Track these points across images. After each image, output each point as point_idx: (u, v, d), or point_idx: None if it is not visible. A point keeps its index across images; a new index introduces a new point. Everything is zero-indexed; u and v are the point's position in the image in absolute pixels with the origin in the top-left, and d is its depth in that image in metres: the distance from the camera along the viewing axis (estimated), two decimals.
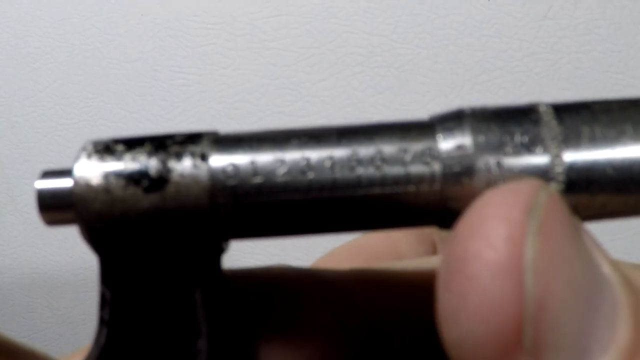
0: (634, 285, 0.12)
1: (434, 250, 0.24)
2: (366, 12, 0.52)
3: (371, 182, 0.13)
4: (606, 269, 0.12)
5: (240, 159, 0.13)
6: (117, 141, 0.14)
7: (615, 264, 0.12)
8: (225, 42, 0.53)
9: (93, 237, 0.14)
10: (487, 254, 0.11)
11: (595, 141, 0.13)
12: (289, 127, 0.14)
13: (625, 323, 0.11)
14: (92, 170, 0.13)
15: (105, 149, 0.14)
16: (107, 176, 0.13)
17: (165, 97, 0.54)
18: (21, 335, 0.59)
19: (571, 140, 0.13)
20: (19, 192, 0.57)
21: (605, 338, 0.11)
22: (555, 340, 0.11)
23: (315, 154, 0.13)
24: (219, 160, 0.13)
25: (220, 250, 0.14)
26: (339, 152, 0.13)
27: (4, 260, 0.58)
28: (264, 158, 0.13)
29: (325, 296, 0.17)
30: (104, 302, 0.14)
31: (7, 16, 0.54)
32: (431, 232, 0.24)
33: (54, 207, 0.14)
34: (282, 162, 0.13)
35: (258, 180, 0.13)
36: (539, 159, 0.13)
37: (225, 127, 0.55)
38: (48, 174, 0.14)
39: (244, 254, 0.55)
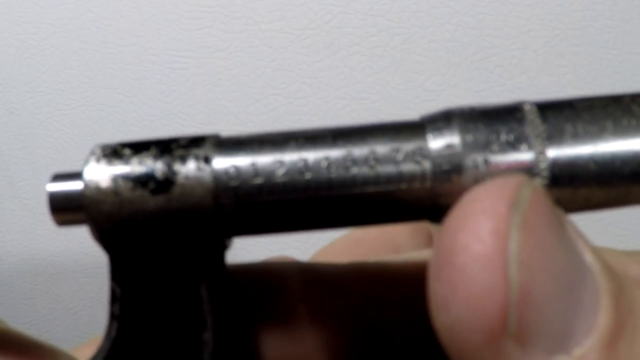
0: (615, 272, 0.13)
1: (430, 242, 0.24)
2: None
3: (365, 181, 0.14)
4: (588, 257, 0.12)
5: (242, 161, 0.14)
6: (124, 145, 0.15)
7: (597, 253, 0.13)
8: (220, 24, 0.53)
9: (103, 237, 0.14)
10: (475, 247, 0.11)
11: (577, 138, 0.13)
12: (287, 129, 0.15)
13: (606, 309, 0.12)
14: (101, 174, 0.14)
15: (113, 152, 0.14)
16: (115, 179, 0.14)
17: (162, 80, 0.54)
18: (21, 321, 0.59)
19: (555, 137, 0.13)
20: (17, 178, 0.57)
21: (587, 323, 0.12)
22: (538, 326, 0.11)
23: (312, 155, 0.14)
24: (222, 163, 0.14)
25: (223, 247, 0.15)
26: (335, 153, 0.14)
27: (4, 247, 0.58)
28: (264, 160, 0.14)
29: (324, 290, 0.18)
30: (114, 298, 0.15)
31: (4, 3, 0.54)
32: (428, 225, 0.24)
33: (65, 209, 0.14)
34: (281, 163, 0.14)
35: (259, 181, 0.14)
36: (523, 156, 0.13)
37: (222, 109, 0.56)
38: (58, 177, 0.15)
39: (241, 248, 0.55)
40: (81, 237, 0.57)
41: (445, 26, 0.53)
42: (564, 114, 0.14)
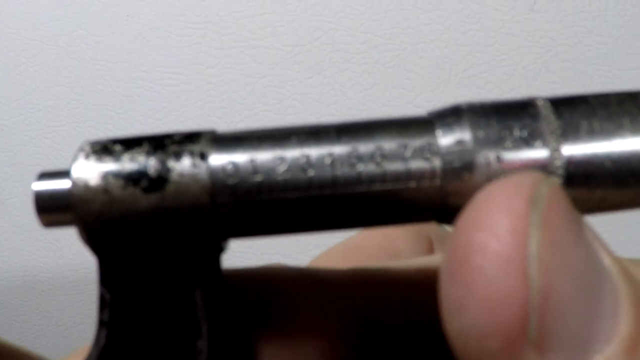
0: (633, 276, 0.12)
1: (430, 248, 0.24)
2: (352, 9, 0.52)
3: (372, 179, 0.13)
4: (607, 260, 0.12)
5: (240, 158, 0.13)
6: (114, 141, 0.14)
7: (614, 256, 0.12)
8: (211, 41, 0.53)
9: (92, 238, 0.14)
10: (492, 245, 0.11)
11: (593, 135, 0.13)
12: (287, 125, 0.14)
13: (627, 314, 0.11)
14: (90, 171, 0.13)
15: (103, 149, 0.14)
16: (105, 176, 0.13)
17: (152, 97, 0.54)
18: (12, 337, 0.59)
19: (570, 134, 0.13)
20: (7, 195, 0.57)
21: (608, 329, 0.11)
22: (559, 331, 0.11)
23: (315, 151, 0.13)
24: (219, 159, 0.13)
25: (219, 249, 0.14)
26: (339, 149, 0.13)
27: None
28: (264, 156, 0.13)
29: (324, 296, 0.17)
30: (103, 304, 0.14)
31: None
32: (428, 230, 0.24)
33: (52, 209, 0.14)
34: (282, 159, 0.13)
35: (258, 178, 0.13)
36: (538, 153, 0.13)
37: (212, 126, 0.55)
38: (45, 175, 0.14)
39: (234, 253, 0.55)
40: (71, 253, 0.57)
41: (435, 42, 0.53)
42: (579, 110, 0.13)
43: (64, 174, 0.14)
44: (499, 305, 0.10)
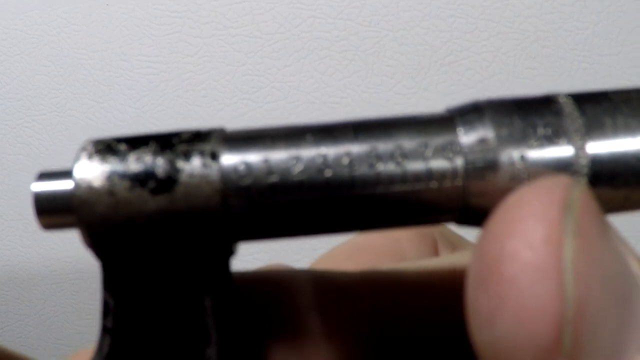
0: None
1: (435, 248, 0.23)
2: None
3: (392, 179, 0.13)
4: (635, 266, 0.11)
5: (253, 157, 0.13)
6: (119, 140, 0.13)
7: None
8: (190, 29, 0.53)
9: (95, 242, 0.13)
10: (526, 255, 0.10)
11: (618, 132, 0.12)
12: (300, 123, 0.13)
13: None
14: (94, 172, 0.13)
15: (107, 148, 0.13)
16: (110, 177, 0.13)
17: (132, 86, 0.54)
18: None
19: (594, 131, 0.12)
20: None
21: (639, 338, 0.11)
22: (593, 342, 0.10)
23: (332, 151, 0.13)
24: (231, 159, 0.13)
25: (229, 252, 0.14)
26: (357, 148, 0.13)
27: None
28: (279, 156, 0.13)
29: (335, 299, 0.17)
30: (106, 310, 0.13)
31: None
32: (432, 230, 0.23)
33: (53, 211, 0.13)
34: (298, 159, 0.13)
35: (273, 179, 0.13)
36: (563, 151, 0.12)
37: (192, 114, 0.55)
38: (45, 176, 0.13)
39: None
40: (52, 243, 0.57)
41: (415, 29, 0.53)
42: (602, 107, 0.13)
43: (65, 174, 0.13)
44: (532, 317, 0.10)
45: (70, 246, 0.56)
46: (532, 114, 0.13)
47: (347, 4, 0.52)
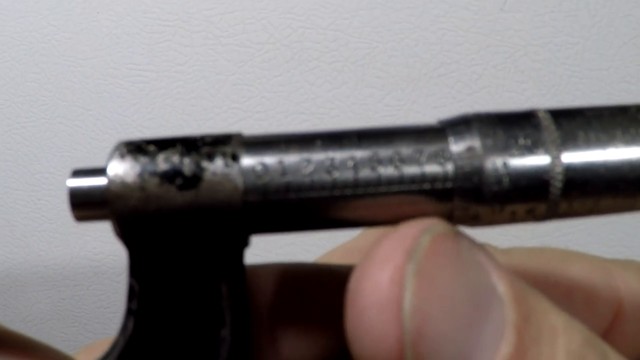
0: (527, 302, 0.13)
1: None
2: (322, 7, 0.52)
3: (390, 181, 0.14)
4: (501, 288, 0.13)
5: (269, 159, 0.14)
6: (148, 142, 0.15)
7: (512, 282, 0.13)
8: (180, 38, 0.53)
9: (125, 232, 0.14)
10: (374, 293, 0.13)
11: (589, 144, 0.14)
12: (310, 130, 0.15)
13: (508, 340, 0.13)
14: (127, 169, 0.14)
15: (138, 149, 0.14)
16: (141, 174, 0.14)
17: (121, 94, 0.54)
18: None
19: (568, 143, 0.14)
20: None
21: (489, 352, 0.13)
22: (437, 356, 0.12)
23: (338, 155, 0.14)
24: (249, 160, 0.14)
25: (245, 244, 0.15)
26: (361, 153, 0.14)
27: None
28: (292, 158, 0.14)
29: (341, 289, 0.18)
30: (132, 294, 0.15)
31: None
32: None
33: (87, 204, 0.15)
34: (309, 161, 0.14)
35: (287, 178, 0.14)
36: (540, 160, 0.14)
37: (182, 123, 0.55)
38: (79, 173, 0.15)
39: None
40: (39, 249, 0.57)
41: (405, 41, 0.53)
42: (576, 121, 0.14)
43: (98, 171, 0.15)
44: (378, 341, 0.13)
45: (57, 253, 0.56)
46: (514, 126, 0.14)
47: (338, 15, 0.52)
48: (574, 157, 0.14)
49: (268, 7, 0.52)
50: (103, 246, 0.57)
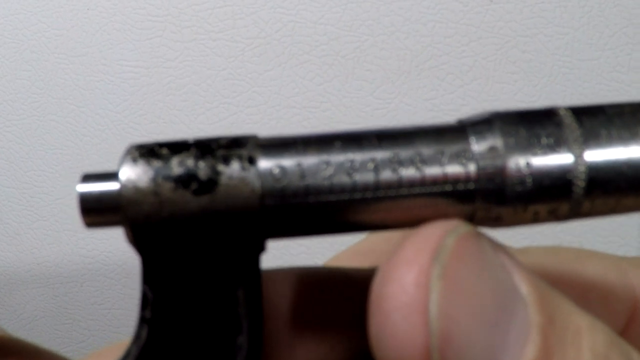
0: (551, 304, 0.13)
1: None
2: (312, 1, 0.52)
3: (412, 182, 0.14)
4: (525, 289, 0.13)
5: (287, 162, 0.14)
6: (160, 145, 0.14)
7: (536, 284, 0.13)
8: (171, 34, 0.53)
9: (138, 239, 0.14)
10: (399, 297, 0.12)
11: (612, 142, 0.14)
12: (327, 131, 0.14)
13: (534, 342, 0.12)
14: (140, 174, 0.14)
15: (150, 152, 0.14)
16: (155, 179, 0.14)
17: (112, 90, 0.54)
18: None
19: (591, 141, 0.14)
20: None
21: (515, 354, 0.12)
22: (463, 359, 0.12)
23: (358, 157, 0.14)
24: (267, 163, 0.14)
25: (261, 249, 0.15)
26: (381, 155, 0.14)
27: None
28: (310, 160, 0.14)
29: (356, 294, 0.18)
30: (145, 302, 0.14)
31: None
32: None
33: (98, 210, 0.14)
34: (328, 163, 0.14)
35: (305, 181, 0.14)
36: (563, 159, 0.14)
37: (173, 118, 0.55)
38: (89, 177, 0.14)
39: None
40: (32, 247, 0.57)
41: (395, 34, 0.53)
42: (598, 119, 0.14)
43: (110, 176, 0.14)
44: (403, 346, 0.12)
45: (49, 250, 0.56)
46: (536, 125, 0.14)
47: (328, 9, 0.52)
48: (596, 155, 0.14)
49: (258, 2, 0.52)
50: (96, 243, 0.57)
